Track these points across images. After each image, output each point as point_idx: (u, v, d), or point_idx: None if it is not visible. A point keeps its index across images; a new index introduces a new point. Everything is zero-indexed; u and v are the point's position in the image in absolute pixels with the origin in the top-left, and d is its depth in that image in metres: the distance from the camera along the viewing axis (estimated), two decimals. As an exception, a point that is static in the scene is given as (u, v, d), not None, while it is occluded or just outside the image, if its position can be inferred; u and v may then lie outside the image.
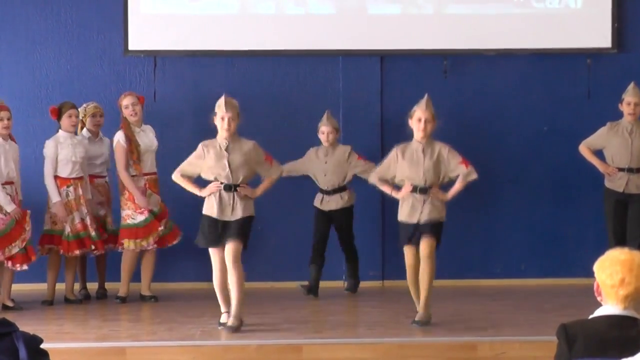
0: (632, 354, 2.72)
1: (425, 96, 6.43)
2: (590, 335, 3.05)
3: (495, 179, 8.28)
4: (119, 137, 7.33)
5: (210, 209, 6.23)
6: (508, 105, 8.32)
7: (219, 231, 6.19)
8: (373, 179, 6.59)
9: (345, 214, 7.67)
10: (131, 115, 7.37)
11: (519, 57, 8.28)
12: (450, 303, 7.15)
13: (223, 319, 6.24)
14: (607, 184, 7.51)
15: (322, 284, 7.71)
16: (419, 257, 6.29)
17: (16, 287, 7.22)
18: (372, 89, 8.24)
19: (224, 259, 6.17)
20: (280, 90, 8.22)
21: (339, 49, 8.20)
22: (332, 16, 8.22)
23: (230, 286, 6.16)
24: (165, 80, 8.19)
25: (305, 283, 7.60)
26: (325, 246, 7.67)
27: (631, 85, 7.43)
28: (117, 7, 8.09)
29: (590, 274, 3.19)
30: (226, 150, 6.23)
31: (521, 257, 8.30)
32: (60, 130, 7.29)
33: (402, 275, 7.98)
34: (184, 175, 6.33)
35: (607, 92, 8.12)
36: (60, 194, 7.17)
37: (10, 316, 2.91)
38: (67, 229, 7.15)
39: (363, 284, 8.03)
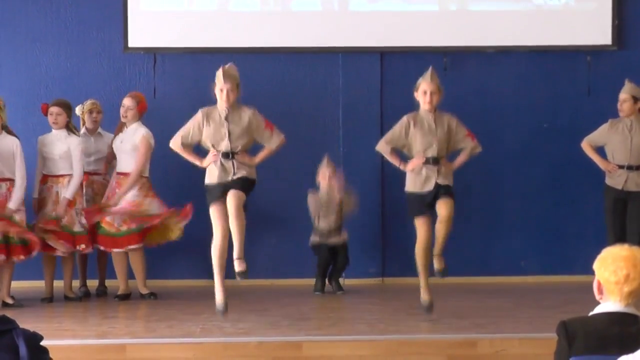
0: (633, 351, 2.72)
1: (430, 68, 6.41)
2: (590, 332, 3.05)
3: (494, 175, 8.28)
4: (149, 135, 7.33)
5: (212, 177, 6.21)
6: (508, 102, 8.32)
7: (223, 190, 6.15)
8: (382, 147, 6.44)
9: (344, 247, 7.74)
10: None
11: (519, 54, 8.28)
12: (450, 300, 7.15)
13: (220, 306, 6.20)
14: (607, 180, 7.51)
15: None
16: (430, 229, 6.29)
17: (16, 284, 7.22)
18: (372, 86, 8.24)
19: (226, 216, 6.11)
20: (279, 87, 8.21)
21: (338, 46, 8.20)
22: (331, 13, 8.22)
23: (233, 232, 6.08)
24: (165, 77, 8.19)
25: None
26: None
27: (626, 82, 7.42)
28: (116, 4, 8.09)
29: (590, 271, 3.19)
30: (226, 119, 6.22)
31: (521, 254, 8.30)
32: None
33: (402, 272, 8.01)
34: (185, 144, 6.29)
35: (607, 90, 8.11)
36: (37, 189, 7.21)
37: (10, 313, 2.91)
38: (50, 227, 7.15)
39: (363, 281, 8.04)
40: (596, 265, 3.10)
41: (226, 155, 6.20)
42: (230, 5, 8.20)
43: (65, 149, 7.21)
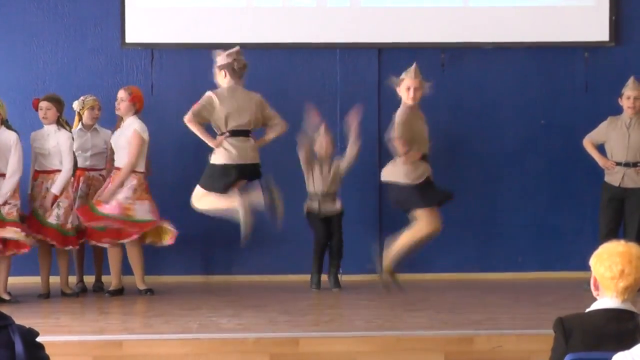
0: (629, 347, 2.72)
1: (414, 64, 6.52)
2: (587, 328, 3.05)
3: (492, 172, 8.28)
4: (143, 129, 7.29)
5: (224, 157, 6.59)
6: (505, 99, 8.31)
7: (235, 175, 6.57)
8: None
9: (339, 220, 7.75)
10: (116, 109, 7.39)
11: (516, 50, 8.28)
12: (448, 296, 7.15)
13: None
14: (606, 177, 7.52)
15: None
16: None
17: (12, 280, 7.21)
18: (370, 82, 8.23)
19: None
20: (277, 83, 8.20)
21: (336, 42, 8.20)
22: (329, 9, 8.21)
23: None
24: (163, 73, 8.18)
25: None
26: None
27: (631, 80, 7.42)
28: (114, 0, 8.08)
29: (587, 267, 3.19)
30: (242, 97, 6.59)
31: (518, 250, 8.31)
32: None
33: (399, 268, 8.00)
34: (200, 123, 6.64)
35: (604, 86, 8.12)
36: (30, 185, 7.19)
37: (6, 309, 2.90)
38: (52, 220, 7.13)
39: (361, 277, 8.04)
40: (592, 261, 3.11)
41: (240, 133, 6.70)
42: (228, 1, 8.19)
43: (55, 144, 7.16)
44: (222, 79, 6.92)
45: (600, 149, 7.57)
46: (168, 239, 7.34)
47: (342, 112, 8.18)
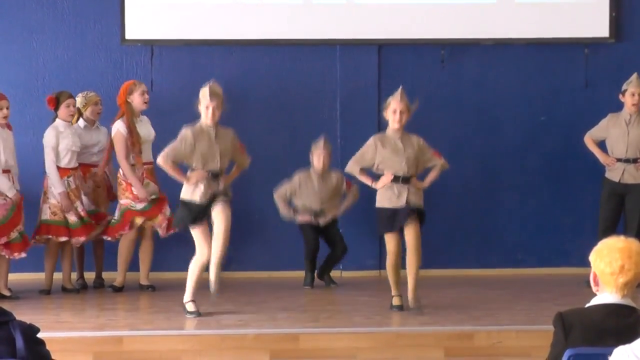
0: (629, 342, 2.73)
1: (400, 88, 6.49)
2: (587, 323, 3.06)
3: (492, 168, 8.29)
4: (119, 126, 7.28)
5: (195, 195, 6.23)
6: (505, 95, 8.31)
7: (205, 209, 6.23)
8: (352, 169, 6.60)
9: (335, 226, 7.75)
10: (145, 103, 7.34)
11: (516, 46, 8.27)
12: (447, 292, 7.16)
13: (190, 307, 6.30)
14: (607, 174, 7.53)
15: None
16: (400, 243, 6.35)
17: (13, 277, 7.22)
18: (370, 78, 8.23)
19: (210, 236, 6.23)
20: (277, 80, 8.20)
21: (336, 39, 8.19)
22: (329, 5, 8.20)
23: (217, 248, 6.23)
24: (162, 69, 8.17)
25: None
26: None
27: (634, 76, 7.40)
28: (114, -4, 8.08)
29: (586, 263, 3.19)
30: (216, 138, 6.24)
31: (518, 246, 8.31)
32: (57, 120, 7.27)
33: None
34: (174, 162, 6.28)
35: (604, 82, 8.12)
36: (62, 184, 7.16)
37: (7, 305, 2.91)
38: (73, 218, 7.15)
39: (360, 273, 8.05)
40: (592, 257, 3.11)
41: (215, 175, 6.25)
42: (228, -2, 8.19)
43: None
44: None
45: (602, 145, 7.57)
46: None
47: (341, 109, 8.18)
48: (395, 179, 6.39)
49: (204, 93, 6.24)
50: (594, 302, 3.11)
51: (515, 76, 8.30)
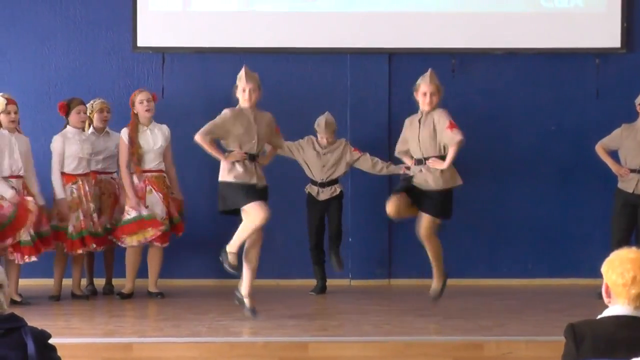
0: (641, 354, 2.72)
1: (429, 70, 6.50)
2: (598, 335, 3.04)
3: (502, 177, 8.27)
4: (124, 134, 7.33)
5: (232, 175, 6.24)
6: (516, 105, 8.31)
7: (247, 190, 6.23)
8: (397, 151, 6.92)
9: (338, 203, 7.73)
10: (147, 110, 7.35)
11: (527, 56, 8.27)
12: (457, 302, 7.14)
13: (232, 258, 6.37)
14: (620, 184, 7.50)
15: (328, 282, 7.74)
16: (401, 205, 6.46)
17: (23, 283, 7.24)
18: (380, 87, 8.24)
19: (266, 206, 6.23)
20: (288, 88, 8.22)
21: (347, 47, 8.20)
22: (340, 14, 8.22)
23: (253, 246, 6.41)
24: (174, 77, 8.20)
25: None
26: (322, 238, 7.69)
27: None
28: (125, 4, 8.11)
29: (597, 274, 3.18)
30: (255, 121, 6.30)
31: (528, 256, 8.29)
32: (68, 126, 7.30)
33: (408, 273, 8.02)
34: (211, 139, 6.30)
35: (615, 92, 8.11)
36: (64, 191, 7.17)
37: (17, 311, 2.91)
38: (70, 228, 7.16)
39: (370, 282, 8.03)
40: (604, 268, 3.10)
41: (252, 157, 6.29)
42: (239, 6, 8.21)
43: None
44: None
45: (613, 155, 7.55)
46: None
47: (352, 117, 8.18)
48: (417, 162, 6.56)
49: (240, 76, 6.32)
50: (606, 313, 3.10)
51: (526, 86, 8.30)
